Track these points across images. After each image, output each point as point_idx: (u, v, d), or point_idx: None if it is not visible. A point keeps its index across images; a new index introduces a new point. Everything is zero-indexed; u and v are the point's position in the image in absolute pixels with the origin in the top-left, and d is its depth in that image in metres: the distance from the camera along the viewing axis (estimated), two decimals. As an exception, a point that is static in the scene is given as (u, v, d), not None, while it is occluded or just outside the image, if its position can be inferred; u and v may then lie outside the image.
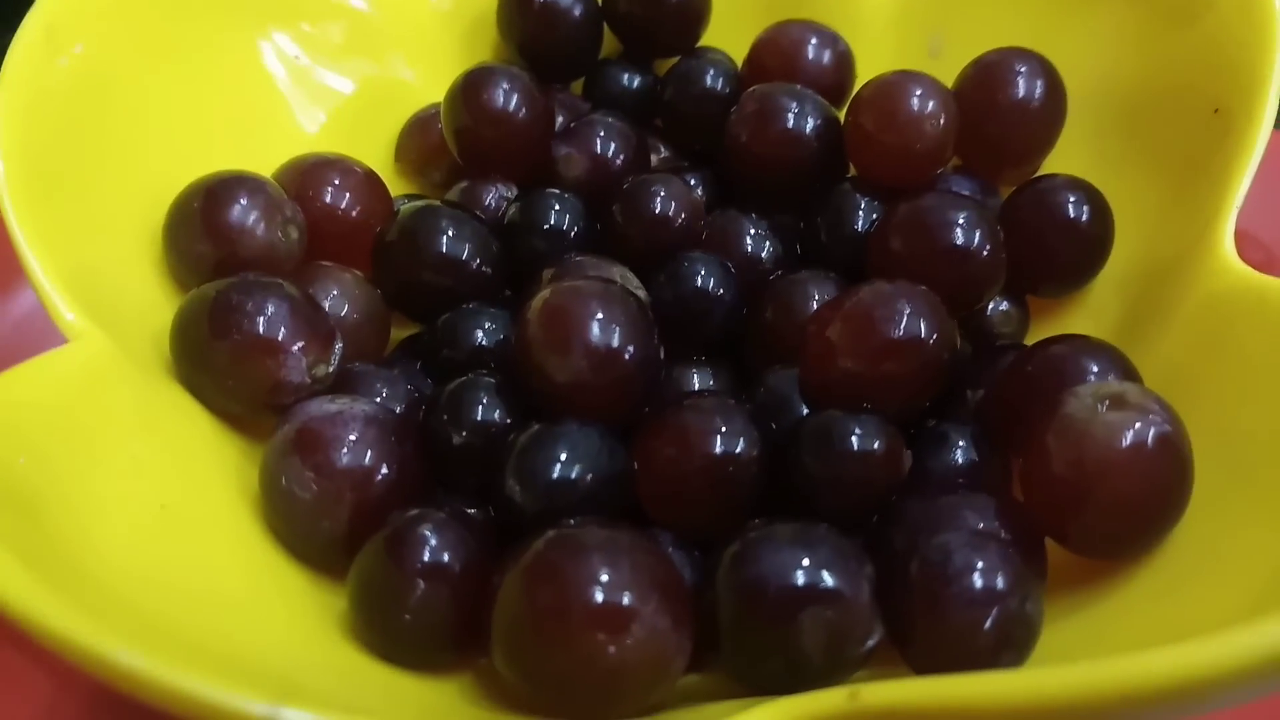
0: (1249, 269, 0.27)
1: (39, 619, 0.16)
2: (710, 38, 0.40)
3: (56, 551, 0.18)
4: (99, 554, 0.20)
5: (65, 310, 0.24)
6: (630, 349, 0.26)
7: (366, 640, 0.24)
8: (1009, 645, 0.21)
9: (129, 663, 0.15)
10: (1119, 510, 0.24)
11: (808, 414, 0.27)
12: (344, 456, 0.25)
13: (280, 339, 0.26)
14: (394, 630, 0.24)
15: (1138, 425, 0.23)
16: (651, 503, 0.27)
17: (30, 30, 0.27)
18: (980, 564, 0.22)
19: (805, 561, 0.22)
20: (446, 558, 0.24)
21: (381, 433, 0.26)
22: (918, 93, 0.32)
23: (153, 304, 0.28)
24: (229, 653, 0.20)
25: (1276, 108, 0.29)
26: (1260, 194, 0.43)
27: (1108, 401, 0.24)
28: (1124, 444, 0.23)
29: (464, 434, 0.27)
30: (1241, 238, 0.43)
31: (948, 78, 0.35)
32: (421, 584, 0.23)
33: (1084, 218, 0.31)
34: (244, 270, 0.28)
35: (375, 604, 0.24)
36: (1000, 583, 0.21)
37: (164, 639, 0.18)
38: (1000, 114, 0.33)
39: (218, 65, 0.32)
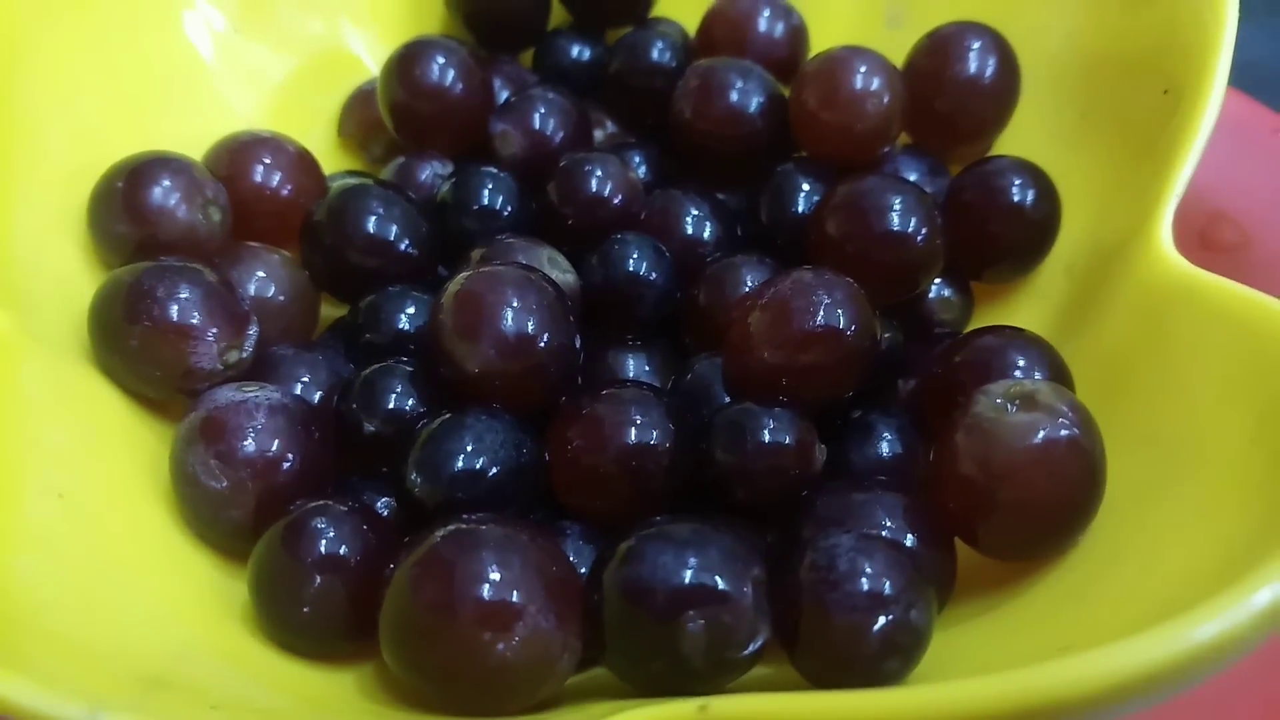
0: (1184, 261, 0.26)
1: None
2: (666, 5, 0.38)
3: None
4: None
5: (-25, 292, 0.25)
6: (543, 338, 0.26)
7: (265, 630, 0.24)
8: (894, 652, 0.21)
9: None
10: (1025, 513, 0.23)
11: (721, 407, 0.27)
12: (249, 445, 0.25)
13: (193, 325, 0.26)
14: (291, 622, 0.24)
15: (1045, 428, 0.23)
16: (563, 493, 0.27)
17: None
18: (867, 568, 0.21)
19: (689, 563, 0.21)
20: (343, 550, 0.24)
21: (288, 421, 0.26)
22: (861, 69, 0.31)
23: (73, 283, 0.28)
24: (106, 643, 0.20)
25: (1223, 94, 0.28)
26: (1238, 173, 0.42)
27: (1018, 402, 0.23)
28: (1030, 446, 0.23)
29: (376, 422, 0.27)
30: (1218, 218, 0.42)
31: (907, 49, 0.34)
32: (318, 576, 0.23)
33: (1029, 202, 0.30)
34: (165, 251, 0.28)
35: (272, 596, 0.24)
36: (887, 589, 0.21)
37: (13, 633, 0.18)
38: (951, 90, 0.33)
39: (153, 49, 0.32)
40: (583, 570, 0.26)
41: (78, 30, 0.30)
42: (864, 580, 0.21)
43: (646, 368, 0.32)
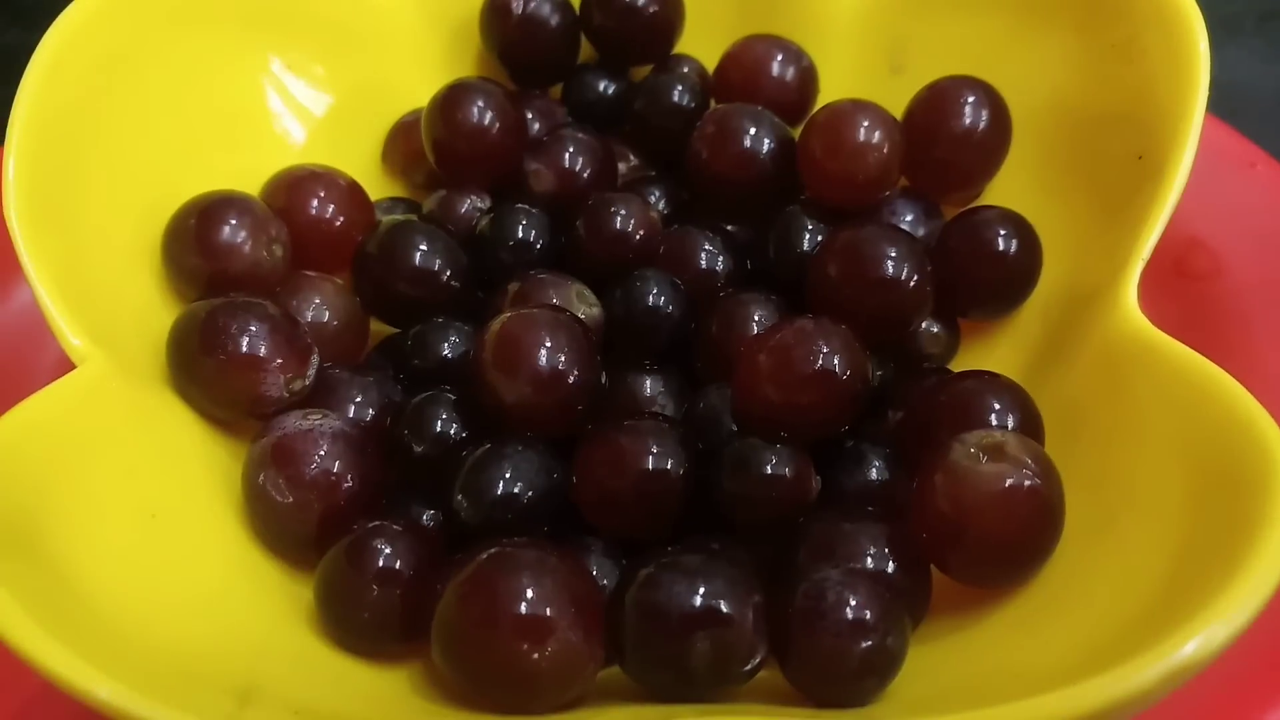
0: (1145, 321, 0.28)
1: (19, 645, 0.19)
2: (687, 43, 0.41)
3: (49, 580, 0.22)
4: (89, 573, 0.23)
5: (71, 336, 0.28)
6: (572, 375, 0.30)
7: (329, 632, 0.28)
8: (872, 672, 0.25)
9: (99, 693, 0.19)
10: (989, 549, 0.27)
11: (728, 441, 0.30)
12: (314, 469, 0.29)
13: (261, 357, 0.29)
14: (351, 626, 0.27)
15: (1011, 477, 0.26)
16: (588, 511, 0.30)
17: (39, 66, 0.30)
18: (851, 601, 0.25)
19: (699, 590, 0.25)
20: (398, 565, 0.27)
21: (348, 447, 0.29)
22: (864, 123, 0.34)
23: (152, 311, 0.31)
24: (200, 652, 0.24)
25: (1190, 162, 0.30)
26: (1215, 203, 0.45)
27: (988, 452, 0.27)
28: (996, 492, 0.26)
29: (424, 445, 0.30)
30: (1192, 245, 0.45)
31: (909, 95, 0.37)
32: (375, 587, 0.27)
33: (1012, 250, 0.33)
34: (233, 283, 0.31)
35: (336, 603, 0.27)
36: (867, 619, 0.24)
37: (135, 653, 0.21)
38: (945, 141, 0.35)
39: (213, 89, 0.35)
40: (604, 582, 0.29)
41: (153, 73, 0.33)
42: (848, 611, 0.25)
43: (662, 389, 0.35)
